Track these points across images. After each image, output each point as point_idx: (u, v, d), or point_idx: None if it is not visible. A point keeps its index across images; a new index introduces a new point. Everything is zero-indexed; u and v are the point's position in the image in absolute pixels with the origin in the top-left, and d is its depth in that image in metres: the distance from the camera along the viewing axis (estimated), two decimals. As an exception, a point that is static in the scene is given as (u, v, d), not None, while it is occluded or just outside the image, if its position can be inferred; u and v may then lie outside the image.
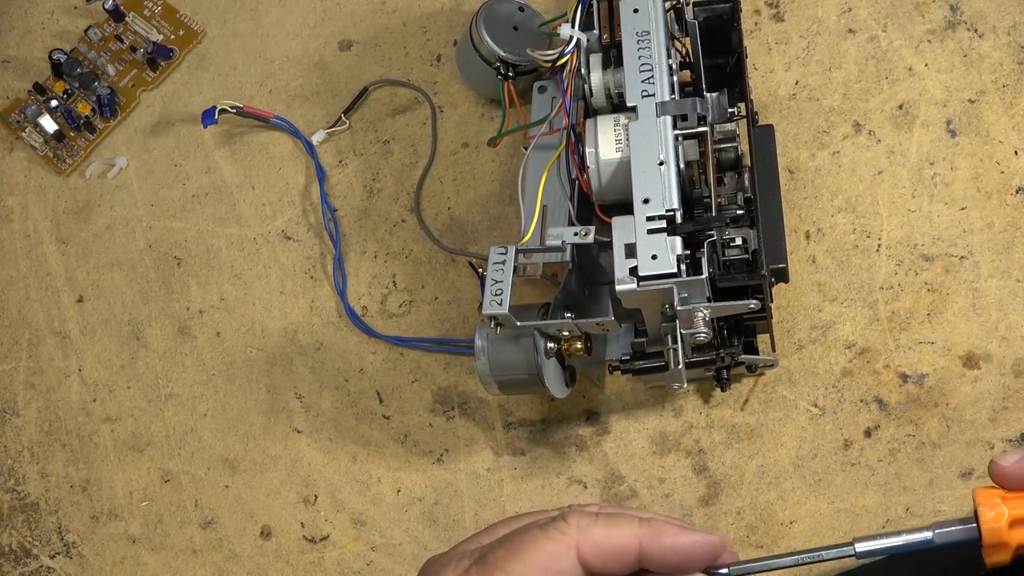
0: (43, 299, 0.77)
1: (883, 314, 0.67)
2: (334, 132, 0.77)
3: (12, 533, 0.73)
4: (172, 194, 0.78)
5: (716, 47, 0.66)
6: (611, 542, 0.51)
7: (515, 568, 0.52)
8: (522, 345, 0.61)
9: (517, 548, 0.52)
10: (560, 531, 0.52)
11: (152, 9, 0.82)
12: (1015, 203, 0.68)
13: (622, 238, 0.59)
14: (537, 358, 0.61)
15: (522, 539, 0.52)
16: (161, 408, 0.73)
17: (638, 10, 0.64)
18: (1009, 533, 0.51)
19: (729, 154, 0.64)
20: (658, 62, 0.62)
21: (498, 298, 0.60)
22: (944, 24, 0.72)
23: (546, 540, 0.52)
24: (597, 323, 0.61)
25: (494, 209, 0.74)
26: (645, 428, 0.68)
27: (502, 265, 0.61)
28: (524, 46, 0.71)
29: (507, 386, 0.63)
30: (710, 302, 0.59)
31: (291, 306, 0.74)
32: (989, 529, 0.51)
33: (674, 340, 0.60)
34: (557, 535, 0.52)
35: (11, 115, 0.80)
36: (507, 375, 0.62)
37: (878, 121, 0.71)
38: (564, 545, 0.51)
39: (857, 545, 0.53)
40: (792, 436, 0.66)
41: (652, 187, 0.60)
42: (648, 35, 0.63)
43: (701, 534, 0.52)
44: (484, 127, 0.76)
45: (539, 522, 0.53)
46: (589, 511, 0.52)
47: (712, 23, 0.66)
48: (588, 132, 0.63)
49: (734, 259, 0.60)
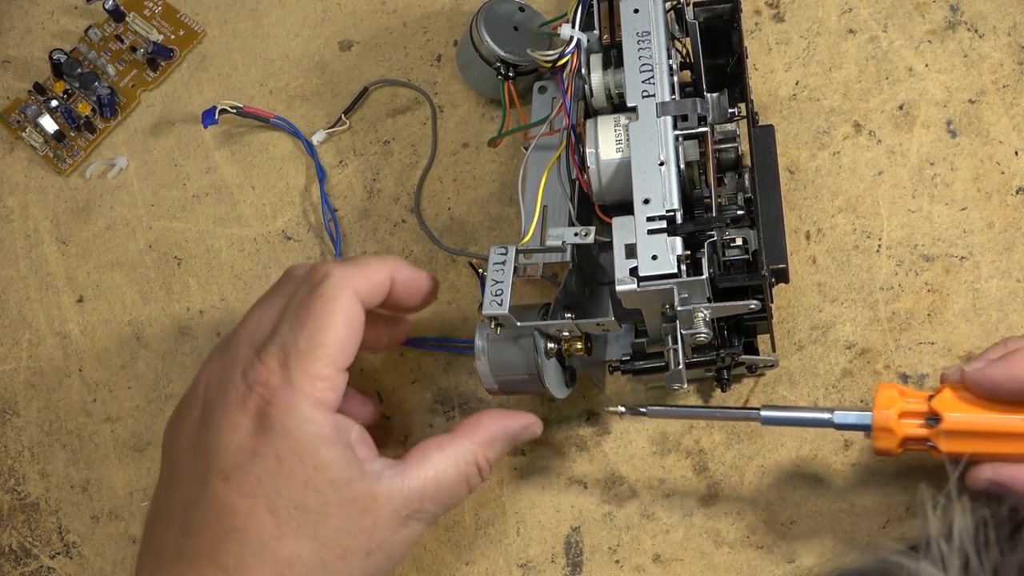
0: (43, 299, 0.77)
1: (883, 314, 0.67)
2: (334, 132, 0.77)
3: (12, 533, 0.73)
4: (172, 194, 0.78)
5: (717, 47, 0.66)
6: (374, 278, 0.60)
7: (328, 336, 0.58)
8: (522, 345, 0.61)
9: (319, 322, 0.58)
10: (335, 288, 0.59)
11: (152, 9, 0.82)
12: (1015, 203, 0.68)
13: (622, 238, 0.59)
14: (537, 358, 0.61)
15: (311, 312, 0.58)
16: (162, 408, 0.73)
17: (638, 10, 0.64)
18: (897, 422, 0.58)
19: (729, 154, 0.64)
20: (658, 62, 0.62)
21: (498, 298, 0.60)
22: (944, 24, 0.72)
23: (331, 300, 0.58)
24: (597, 323, 0.61)
25: (494, 209, 0.74)
26: (645, 428, 0.68)
27: (502, 266, 0.61)
28: (524, 46, 0.71)
29: (507, 387, 0.63)
30: (710, 302, 0.59)
31: (291, 306, 0.74)
32: (880, 415, 0.58)
33: (674, 340, 0.60)
34: (336, 292, 0.58)
35: (11, 115, 0.80)
36: (507, 375, 0.62)
37: (878, 121, 0.71)
38: (348, 293, 0.59)
39: (763, 412, 0.60)
40: (792, 436, 0.66)
41: (652, 187, 0.60)
42: (648, 35, 0.63)
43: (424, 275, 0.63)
44: (484, 127, 0.76)
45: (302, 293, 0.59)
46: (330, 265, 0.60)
47: (712, 23, 0.66)
48: (588, 132, 0.63)
49: (734, 259, 0.60)
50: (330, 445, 0.57)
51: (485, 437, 0.61)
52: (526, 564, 0.67)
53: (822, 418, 0.60)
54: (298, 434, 0.57)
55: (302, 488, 0.56)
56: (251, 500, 0.56)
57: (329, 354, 0.58)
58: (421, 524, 0.60)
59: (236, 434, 0.57)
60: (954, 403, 0.58)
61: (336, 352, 0.58)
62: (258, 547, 0.56)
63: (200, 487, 0.57)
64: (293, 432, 0.57)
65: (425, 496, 0.59)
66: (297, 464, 0.56)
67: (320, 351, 0.57)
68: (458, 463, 0.60)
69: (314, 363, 0.57)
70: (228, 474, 0.57)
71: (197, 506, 0.57)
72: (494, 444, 0.62)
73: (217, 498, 0.57)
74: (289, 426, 0.56)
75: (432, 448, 0.60)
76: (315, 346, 0.57)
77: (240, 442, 0.57)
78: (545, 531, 0.67)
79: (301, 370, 0.57)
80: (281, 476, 0.56)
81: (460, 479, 0.60)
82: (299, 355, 0.57)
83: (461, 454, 0.60)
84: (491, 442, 0.61)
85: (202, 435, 0.59)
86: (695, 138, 0.61)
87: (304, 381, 0.57)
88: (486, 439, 0.61)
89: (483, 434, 0.61)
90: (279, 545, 0.56)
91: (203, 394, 0.60)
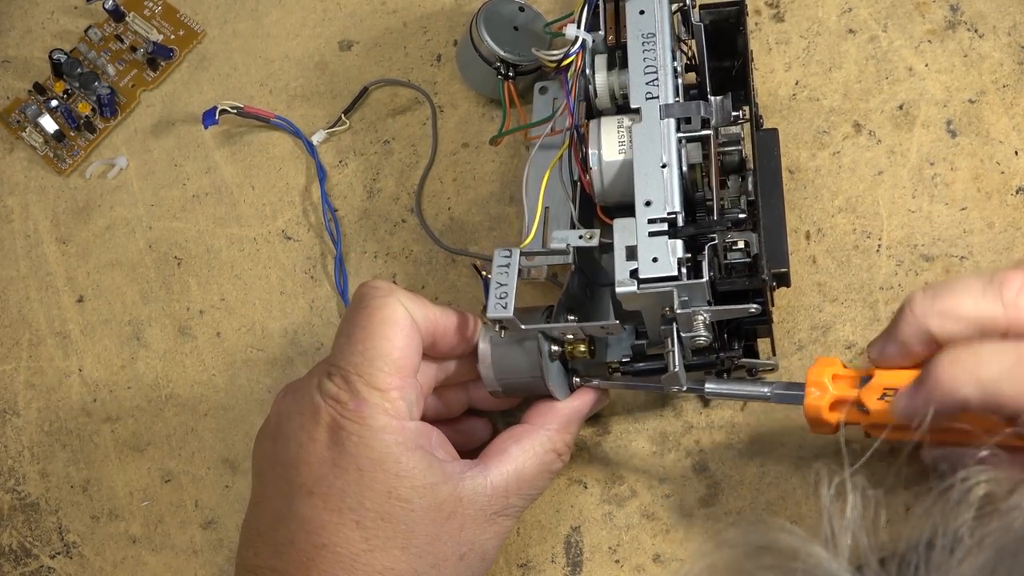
0: (43, 299, 0.77)
1: (883, 314, 0.67)
2: (334, 132, 0.77)
3: (12, 533, 0.73)
4: (172, 194, 0.78)
5: (723, 49, 0.66)
6: (423, 304, 0.60)
7: (382, 347, 0.58)
8: (526, 348, 0.61)
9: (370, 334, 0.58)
10: (381, 297, 0.58)
11: (152, 9, 0.82)
12: (1015, 203, 0.68)
13: (623, 240, 0.59)
14: (541, 361, 0.61)
15: (361, 326, 0.58)
16: (161, 408, 0.73)
17: (644, 12, 0.64)
18: (829, 382, 0.58)
19: (733, 157, 0.64)
20: (663, 64, 0.62)
21: (503, 301, 0.60)
22: (944, 24, 0.72)
23: (378, 310, 0.58)
24: (602, 326, 0.61)
25: (494, 209, 0.74)
26: (645, 428, 0.68)
27: (506, 268, 0.61)
28: (524, 46, 0.71)
29: (511, 389, 0.63)
30: (710, 305, 0.59)
31: (291, 306, 0.74)
32: (813, 371, 0.58)
33: (673, 343, 0.60)
34: (382, 302, 0.58)
35: (11, 115, 0.80)
36: (511, 378, 0.62)
37: (878, 121, 0.71)
38: (393, 301, 0.58)
39: (706, 385, 0.61)
40: (792, 436, 0.66)
41: (654, 190, 0.60)
42: (654, 37, 0.63)
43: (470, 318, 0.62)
44: (484, 127, 0.76)
45: (351, 309, 0.59)
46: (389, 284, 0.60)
47: (719, 26, 0.66)
48: (591, 133, 0.63)
49: (736, 263, 0.60)
50: (410, 451, 0.57)
51: (559, 422, 0.62)
52: (526, 564, 0.67)
53: (761, 393, 0.60)
54: (376, 443, 0.56)
55: (386, 497, 0.56)
56: (337, 515, 0.56)
57: (387, 364, 0.57)
58: (509, 519, 0.60)
59: (314, 447, 0.57)
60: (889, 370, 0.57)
61: (393, 361, 0.58)
62: (349, 563, 0.56)
63: (285, 503, 0.57)
64: (370, 442, 0.56)
65: (509, 491, 0.59)
66: (379, 473, 0.56)
67: (378, 363, 0.57)
68: (537, 453, 0.61)
69: (375, 375, 0.57)
70: (311, 488, 0.57)
71: (284, 523, 0.57)
72: (569, 426, 0.62)
73: (303, 514, 0.57)
74: (366, 436, 0.56)
75: (508, 442, 0.61)
76: (371, 359, 0.57)
77: (319, 455, 0.57)
78: (545, 531, 0.67)
79: (365, 384, 0.57)
80: (364, 487, 0.56)
81: (541, 469, 0.61)
82: (358, 370, 0.57)
83: (539, 443, 0.61)
84: (566, 425, 0.62)
85: (280, 449, 0.59)
86: (698, 141, 0.61)
87: (371, 393, 0.57)
88: (561, 423, 0.62)
89: (556, 419, 0.62)
90: (370, 559, 0.56)
91: (279, 408, 0.60)
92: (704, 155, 0.61)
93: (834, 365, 0.59)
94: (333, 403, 0.57)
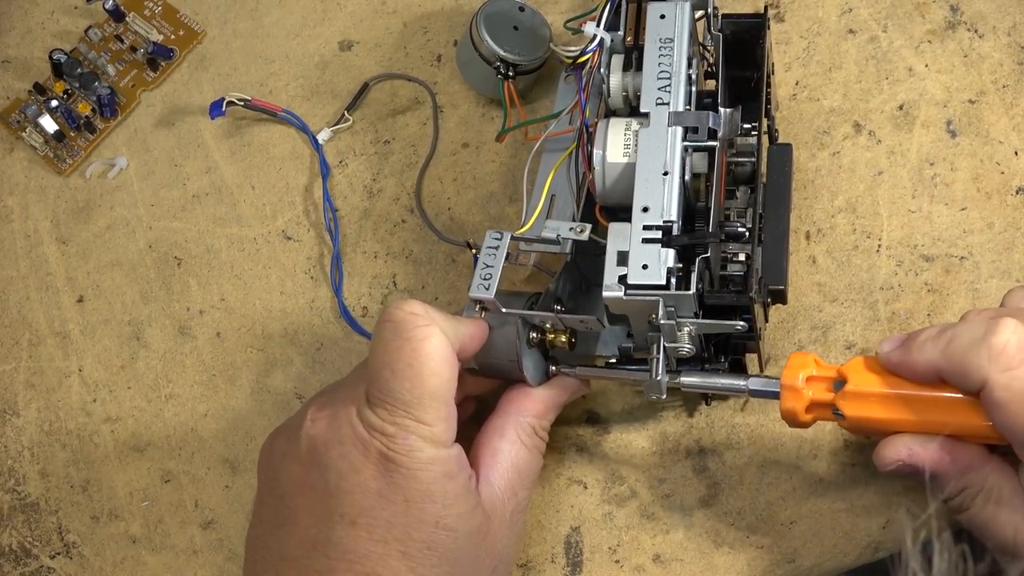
0: (43, 299, 0.77)
1: (883, 315, 0.67)
2: (338, 130, 0.77)
3: (12, 533, 0.73)
4: (172, 194, 0.78)
5: (745, 60, 0.65)
6: (462, 325, 0.59)
7: (429, 383, 0.56)
8: (506, 332, 0.61)
9: (417, 372, 0.56)
10: (423, 327, 0.56)
11: (152, 9, 0.82)
12: (1015, 203, 0.68)
13: (616, 244, 0.59)
14: (518, 345, 0.61)
15: (407, 362, 0.56)
16: (161, 408, 0.73)
17: (664, 16, 0.63)
18: (804, 384, 0.58)
19: (745, 168, 0.63)
20: (677, 71, 0.62)
21: (486, 282, 0.60)
22: (944, 24, 0.72)
23: (421, 342, 0.56)
24: (581, 320, 0.61)
25: (494, 209, 0.74)
26: (645, 428, 0.68)
27: (495, 251, 0.61)
28: (524, 46, 0.71)
29: (487, 369, 0.63)
30: (697, 318, 0.58)
31: (291, 306, 0.74)
32: (788, 375, 0.58)
33: (657, 351, 0.59)
34: (424, 332, 0.56)
35: (11, 115, 0.80)
36: (488, 359, 0.62)
37: (878, 121, 0.71)
38: (435, 331, 0.57)
39: (683, 378, 0.60)
40: (792, 436, 0.66)
41: (653, 196, 0.59)
42: (671, 43, 0.62)
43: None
44: (484, 127, 0.76)
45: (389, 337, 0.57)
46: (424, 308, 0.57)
47: (740, 36, 0.65)
48: (599, 133, 0.62)
49: (734, 275, 0.60)
50: (453, 480, 0.57)
51: (535, 409, 0.62)
52: (526, 564, 0.67)
53: (738, 385, 0.60)
54: (424, 475, 0.56)
55: (433, 527, 0.56)
56: (382, 545, 0.56)
57: (436, 400, 0.57)
58: (522, 515, 0.61)
59: (359, 478, 0.57)
60: (861, 371, 0.58)
61: (440, 397, 0.57)
62: None
63: (322, 532, 0.57)
64: (419, 474, 0.56)
65: (515, 487, 0.60)
66: (427, 504, 0.56)
67: (427, 401, 0.57)
68: (524, 440, 0.61)
69: (424, 411, 0.56)
70: (355, 519, 0.56)
71: (320, 551, 0.57)
72: (547, 412, 0.62)
73: (345, 544, 0.56)
74: (414, 468, 0.56)
75: (493, 437, 0.61)
76: (419, 397, 0.56)
77: (365, 486, 0.56)
78: (545, 531, 0.67)
79: (414, 418, 0.56)
80: (411, 517, 0.56)
81: (533, 454, 0.61)
82: (407, 408, 0.56)
83: (522, 430, 0.61)
84: (543, 412, 0.62)
85: (317, 477, 0.58)
86: (704, 151, 0.61)
87: (419, 427, 0.56)
88: (537, 410, 0.62)
89: (532, 406, 0.62)
90: None
91: (312, 432, 0.59)
92: (709, 166, 0.61)
93: (807, 366, 0.58)
94: (379, 436, 0.57)
